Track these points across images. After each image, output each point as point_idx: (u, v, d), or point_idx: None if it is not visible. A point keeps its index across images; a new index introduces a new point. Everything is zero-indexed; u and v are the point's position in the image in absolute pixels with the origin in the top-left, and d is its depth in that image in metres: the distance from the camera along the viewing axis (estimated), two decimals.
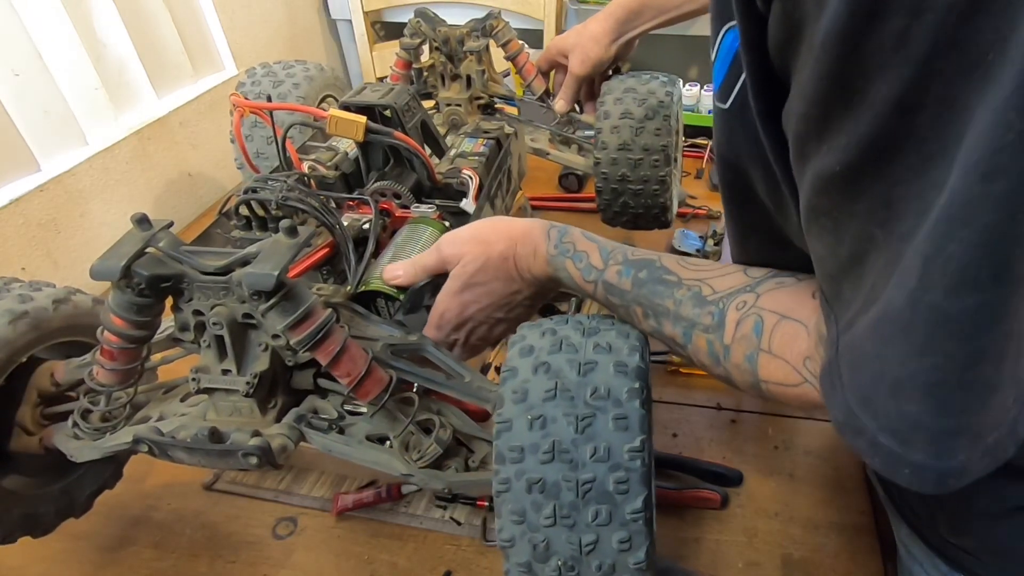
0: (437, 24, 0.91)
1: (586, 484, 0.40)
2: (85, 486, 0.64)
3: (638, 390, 0.42)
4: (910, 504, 0.54)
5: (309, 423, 0.52)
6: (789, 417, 0.77)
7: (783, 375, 0.41)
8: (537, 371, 0.44)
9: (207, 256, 0.49)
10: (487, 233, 0.55)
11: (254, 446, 0.48)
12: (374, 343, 0.54)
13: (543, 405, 0.42)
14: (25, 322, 0.55)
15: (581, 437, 0.41)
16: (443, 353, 0.54)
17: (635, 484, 0.40)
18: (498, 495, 0.42)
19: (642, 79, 0.84)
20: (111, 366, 0.52)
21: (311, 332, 0.46)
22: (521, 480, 0.41)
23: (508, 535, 0.42)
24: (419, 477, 0.50)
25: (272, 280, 0.44)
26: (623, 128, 0.80)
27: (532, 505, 0.41)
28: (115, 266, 0.46)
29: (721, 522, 0.67)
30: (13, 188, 0.97)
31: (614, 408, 0.42)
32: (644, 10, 0.87)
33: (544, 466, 0.41)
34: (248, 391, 0.50)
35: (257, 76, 0.96)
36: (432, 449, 0.50)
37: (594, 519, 0.40)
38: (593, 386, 0.42)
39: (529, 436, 0.42)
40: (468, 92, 0.91)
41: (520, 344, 0.46)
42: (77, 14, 1.04)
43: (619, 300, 0.49)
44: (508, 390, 0.44)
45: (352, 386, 0.49)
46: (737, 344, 0.43)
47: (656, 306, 0.47)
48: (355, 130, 0.62)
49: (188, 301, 0.50)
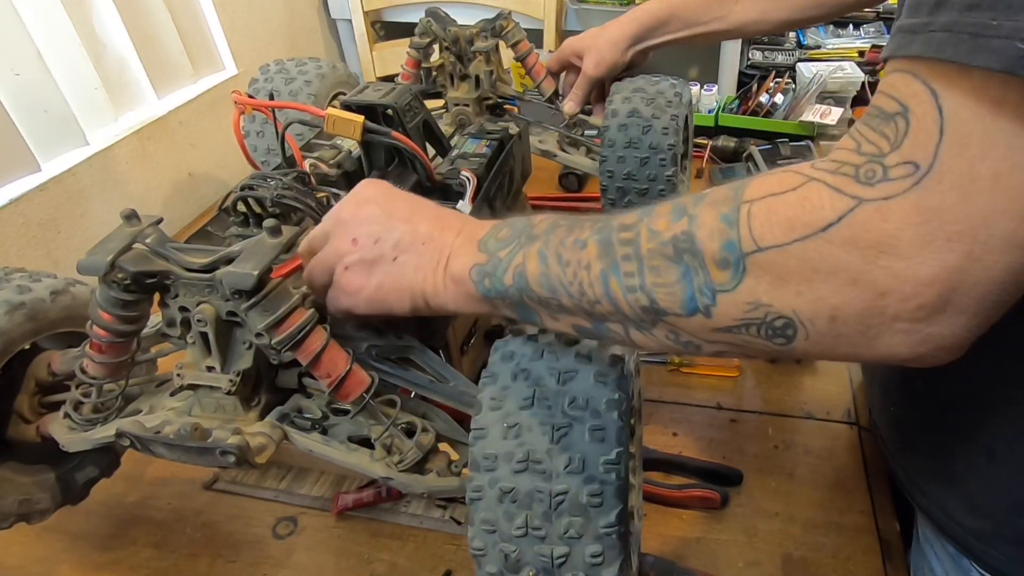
0: (447, 24, 0.91)
1: (559, 496, 0.39)
2: (82, 475, 0.65)
3: (617, 401, 0.41)
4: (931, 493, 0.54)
5: (292, 422, 0.52)
6: (789, 417, 0.77)
7: (777, 183, 0.33)
8: (516, 378, 0.43)
9: (192, 253, 0.49)
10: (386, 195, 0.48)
11: (232, 445, 0.48)
12: (359, 344, 0.53)
13: (519, 413, 0.41)
14: (22, 313, 0.56)
15: (556, 447, 0.40)
16: (430, 356, 0.54)
17: (610, 497, 0.39)
18: (471, 503, 0.41)
19: (652, 80, 0.83)
20: (100, 359, 0.52)
21: (291, 332, 0.46)
22: (494, 489, 0.40)
23: (480, 544, 0.41)
24: (399, 481, 0.49)
25: (251, 280, 0.44)
26: (631, 126, 0.79)
27: (504, 515, 0.40)
28: (101, 262, 0.47)
29: (721, 522, 0.67)
30: (13, 188, 0.97)
31: (592, 419, 0.40)
32: (671, 20, 0.84)
33: (517, 476, 0.40)
34: (230, 388, 0.50)
35: (270, 73, 0.97)
36: (412, 453, 0.50)
37: (566, 532, 0.39)
38: (572, 395, 0.41)
39: (504, 444, 0.41)
40: (477, 92, 0.91)
41: (503, 349, 0.45)
42: (77, 14, 1.04)
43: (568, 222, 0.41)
44: (486, 396, 0.43)
45: (332, 387, 0.49)
46: (722, 187, 0.35)
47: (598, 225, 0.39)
48: (352, 129, 0.62)
49: (174, 297, 0.50)
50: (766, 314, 0.33)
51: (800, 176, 0.32)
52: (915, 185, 0.29)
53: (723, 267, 0.33)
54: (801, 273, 0.31)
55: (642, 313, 0.36)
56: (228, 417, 0.52)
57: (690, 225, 0.34)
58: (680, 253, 0.34)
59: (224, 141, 1.32)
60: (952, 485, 0.52)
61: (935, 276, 0.29)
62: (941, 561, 0.55)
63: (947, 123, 0.29)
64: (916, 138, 0.29)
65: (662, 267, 0.35)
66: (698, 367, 0.83)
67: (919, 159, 0.29)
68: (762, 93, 1.41)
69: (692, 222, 0.34)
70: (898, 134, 0.30)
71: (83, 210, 1.06)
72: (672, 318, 0.36)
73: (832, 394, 0.79)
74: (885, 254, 0.29)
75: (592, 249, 0.38)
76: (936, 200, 0.29)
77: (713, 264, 0.33)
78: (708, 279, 0.34)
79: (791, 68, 1.54)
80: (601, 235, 0.38)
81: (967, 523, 0.51)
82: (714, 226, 0.33)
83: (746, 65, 1.60)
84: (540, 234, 0.41)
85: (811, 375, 0.82)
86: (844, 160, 0.31)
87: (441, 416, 0.53)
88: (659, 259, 0.35)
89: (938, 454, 0.53)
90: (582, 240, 0.39)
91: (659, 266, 0.35)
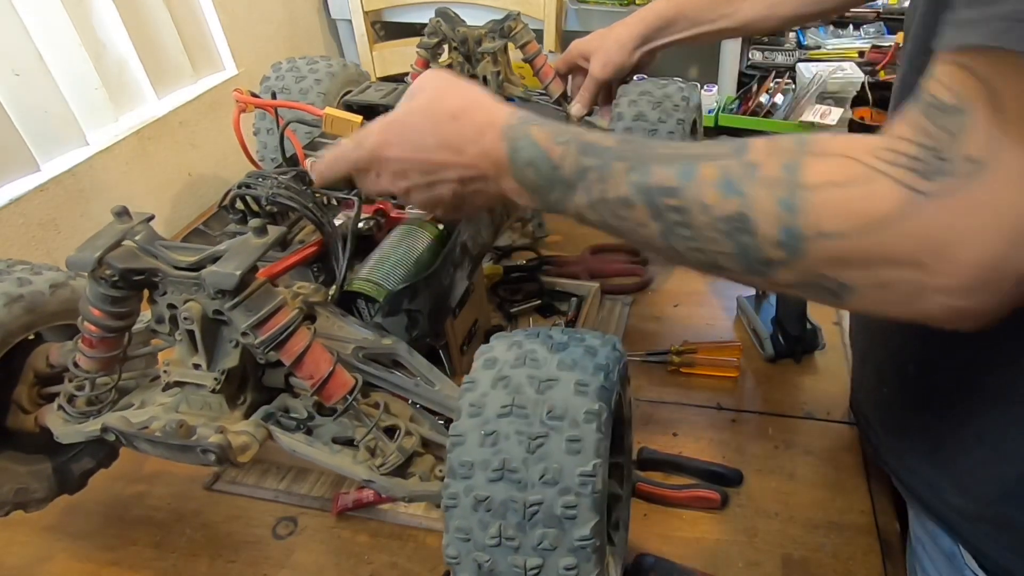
0: (457, 24, 0.91)
1: (533, 506, 0.39)
2: (79, 465, 0.65)
3: (596, 412, 0.40)
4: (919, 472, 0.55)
5: (278, 421, 0.52)
6: (789, 417, 0.77)
7: (837, 170, 0.34)
8: (496, 385, 0.42)
9: (180, 251, 0.49)
10: (443, 87, 0.48)
11: (213, 444, 0.48)
12: (346, 345, 0.53)
13: (497, 421, 0.41)
14: (20, 305, 0.57)
15: (532, 457, 0.40)
16: (417, 359, 0.54)
17: (584, 510, 0.39)
18: (446, 510, 0.41)
19: (659, 83, 0.83)
20: (92, 354, 0.53)
21: (274, 333, 0.47)
22: (469, 497, 0.40)
23: (454, 552, 0.41)
24: (380, 484, 0.49)
25: (234, 280, 0.44)
26: (636, 130, 0.79)
27: (479, 523, 0.40)
28: (88, 258, 0.47)
29: (721, 522, 0.67)
30: (13, 188, 0.97)
31: (569, 429, 0.40)
32: (678, 20, 0.83)
33: (492, 484, 0.40)
34: (215, 387, 0.50)
35: (282, 71, 0.97)
36: (394, 457, 0.49)
37: (540, 543, 0.39)
38: (550, 405, 0.41)
39: (480, 452, 0.40)
40: None
41: (486, 355, 0.45)
42: (77, 14, 1.04)
43: (596, 160, 0.41)
44: (466, 402, 0.42)
45: (315, 388, 0.49)
46: (771, 157, 0.36)
47: (647, 154, 0.40)
48: (349, 130, 0.62)
49: (163, 295, 0.50)
50: (821, 279, 0.35)
51: (862, 167, 0.33)
52: (973, 180, 0.31)
53: (781, 248, 0.35)
54: (861, 258, 0.34)
55: (703, 268, 0.40)
56: (214, 415, 0.52)
57: (743, 207, 0.35)
58: (734, 232, 0.36)
59: (224, 141, 1.32)
60: (942, 466, 0.52)
61: (980, 261, 0.31)
62: (934, 561, 0.55)
63: (1004, 117, 0.30)
64: (975, 134, 0.31)
65: (718, 239, 0.37)
66: (698, 367, 0.83)
67: (978, 155, 0.31)
68: (762, 93, 1.41)
69: (745, 202, 0.35)
70: (957, 128, 0.31)
71: (83, 210, 1.06)
72: (729, 273, 0.39)
73: (832, 394, 0.79)
74: (941, 243, 0.32)
75: (642, 212, 0.39)
76: (992, 194, 0.31)
77: (770, 245, 0.35)
78: (764, 256, 0.36)
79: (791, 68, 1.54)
80: (645, 196, 0.39)
81: (953, 501, 0.51)
82: (772, 211, 0.35)
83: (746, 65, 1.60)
84: (574, 179, 0.42)
85: (811, 375, 0.82)
86: (904, 152, 0.33)
87: (429, 420, 0.53)
88: (713, 232, 0.37)
89: (928, 435, 0.54)
90: (623, 198, 0.40)
91: (715, 238, 0.37)
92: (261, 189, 0.56)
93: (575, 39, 0.90)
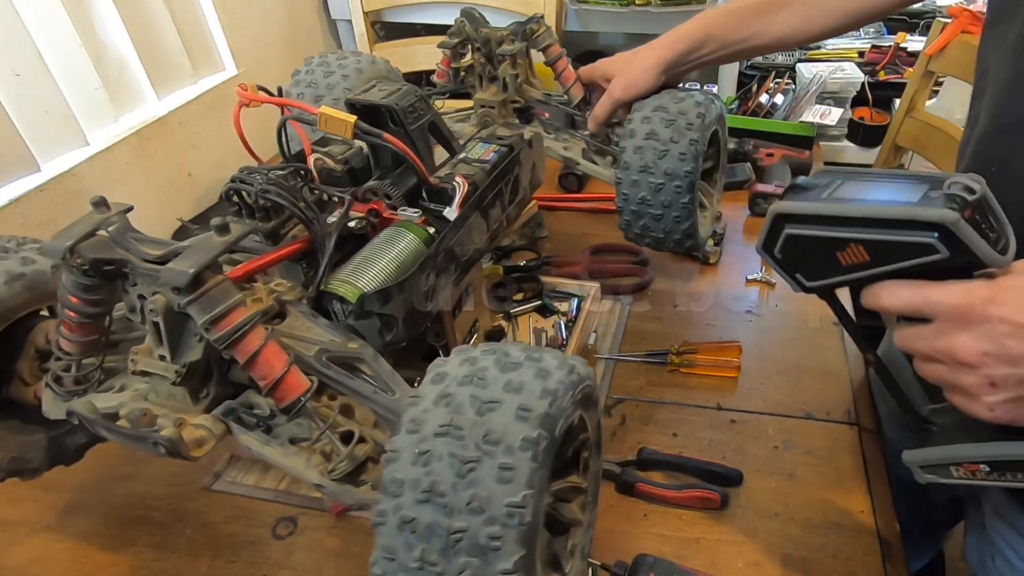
0: (480, 25, 0.91)
1: (457, 533, 0.37)
2: (73, 439, 0.66)
3: (534, 440, 0.38)
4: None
5: (239, 417, 0.52)
6: (789, 417, 0.77)
7: None
8: (439, 402, 0.41)
9: (150, 244, 0.50)
10: None
11: (163, 437, 0.48)
12: (310, 346, 0.53)
13: (433, 440, 0.39)
14: (21, 283, 0.59)
15: (462, 482, 0.38)
16: (382, 365, 0.53)
17: (510, 542, 0.37)
18: (375, 527, 0.40)
19: (677, 96, 0.79)
20: (72, 337, 0.53)
21: (228, 331, 0.47)
22: (396, 516, 0.39)
23: (379, 571, 0.40)
24: (331, 489, 0.49)
25: (186, 277, 0.45)
26: (647, 150, 0.76)
27: (404, 544, 0.39)
28: (59, 246, 0.48)
29: (721, 522, 0.67)
30: (13, 188, 0.97)
31: (503, 456, 0.38)
32: (707, 42, 0.81)
33: (419, 506, 0.38)
34: (176, 379, 0.50)
35: (312, 65, 0.98)
36: (344, 464, 0.49)
37: (461, 572, 0.37)
38: (487, 428, 0.39)
39: (412, 471, 0.39)
40: (503, 95, 0.91)
41: (438, 369, 0.43)
42: (77, 14, 1.04)
43: None
44: (407, 417, 0.41)
45: (268, 388, 0.49)
46: None
47: None
48: (344, 129, 0.62)
49: (133, 285, 0.50)
50: None
51: None
52: None
53: None
54: None
55: None
56: (177, 406, 0.52)
57: None
58: None
59: (224, 141, 1.32)
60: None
61: None
62: (1012, 545, 0.53)
63: None
64: None
65: None
66: (698, 367, 0.83)
67: None
68: (762, 93, 1.41)
69: None
70: None
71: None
72: None
73: (832, 394, 0.79)
74: None
75: None
76: None
77: None
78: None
79: (791, 68, 1.55)
80: None
81: None
82: None
83: (746, 65, 1.60)
84: None
85: (811, 375, 0.82)
86: None
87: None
88: None
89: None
90: None
91: None
92: (251, 184, 0.56)
93: (575, 39, 0.90)
